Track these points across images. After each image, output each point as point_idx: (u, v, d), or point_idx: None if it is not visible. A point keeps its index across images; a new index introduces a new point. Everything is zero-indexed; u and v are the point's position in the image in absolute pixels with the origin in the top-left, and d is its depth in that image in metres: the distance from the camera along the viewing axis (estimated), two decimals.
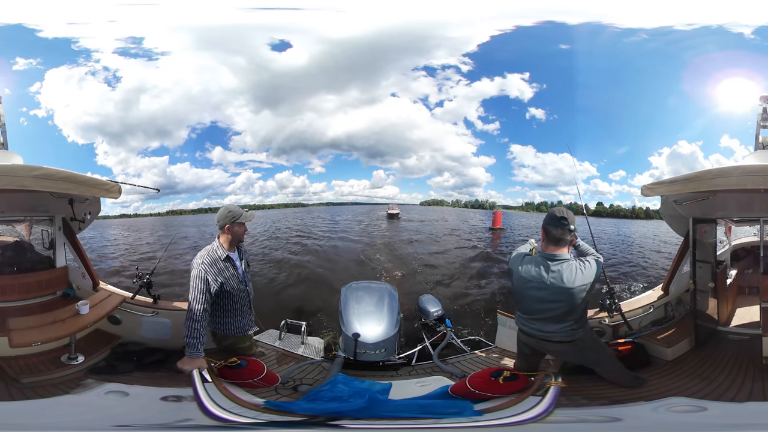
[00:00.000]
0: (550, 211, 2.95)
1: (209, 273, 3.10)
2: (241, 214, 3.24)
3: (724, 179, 3.17)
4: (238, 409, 2.82)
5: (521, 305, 3.11)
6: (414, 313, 4.44)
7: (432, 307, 4.27)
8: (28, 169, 3.11)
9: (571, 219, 2.87)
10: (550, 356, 3.22)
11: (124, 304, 3.78)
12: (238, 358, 3.22)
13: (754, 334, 3.30)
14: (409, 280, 6.57)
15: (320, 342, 4.22)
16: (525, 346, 3.18)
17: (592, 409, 2.91)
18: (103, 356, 3.44)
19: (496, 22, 5.09)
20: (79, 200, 3.76)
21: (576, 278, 2.85)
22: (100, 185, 3.53)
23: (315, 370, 3.58)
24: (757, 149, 3.65)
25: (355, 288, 4.07)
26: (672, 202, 3.76)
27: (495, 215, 7.86)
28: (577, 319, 2.96)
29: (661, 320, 3.82)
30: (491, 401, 2.96)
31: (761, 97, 3.66)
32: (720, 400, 2.89)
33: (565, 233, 2.87)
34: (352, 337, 3.51)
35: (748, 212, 3.46)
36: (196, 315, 3.04)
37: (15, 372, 3.06)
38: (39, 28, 4.73)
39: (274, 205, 6.83)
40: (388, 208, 9.51)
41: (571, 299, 2.87)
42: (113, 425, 2.76)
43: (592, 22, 4.88)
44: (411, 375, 3.59)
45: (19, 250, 3.77)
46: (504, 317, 3.98)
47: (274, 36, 5.36)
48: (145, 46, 5.08)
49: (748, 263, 3.51)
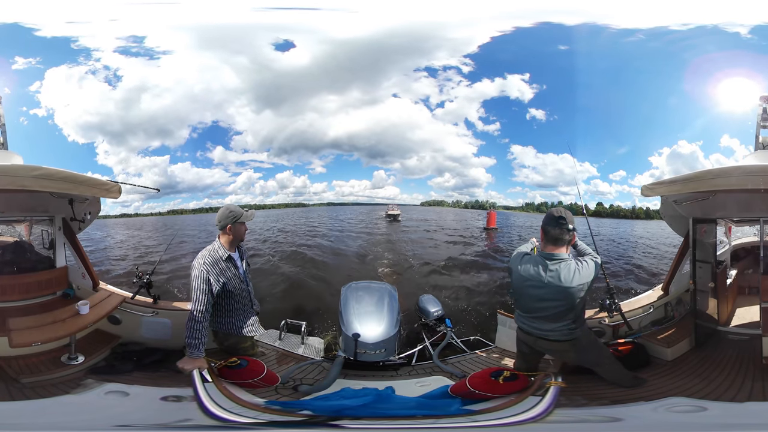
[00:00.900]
0: (549, 212, 2.97)
1: (211, 273, 3.10)
2: (242, 214, 3.24)
3: (724, 179, 3.18)
4: (238, 409, 2.82)
5: (520, 303, 3.12)
6: (414, 312, 4.44)
7: (432, 307, 4.27)
8: (28, 169, 3.11)
9: (569, 219, 2.89)
10: (549, 356, 3.22)
11: (124, 304, 3.78)
12: (238, 358, 3.22)
13: (754, 334, 3.30)
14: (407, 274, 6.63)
15: (320, 342, 4.22)
16: (523, 344, 3.18)
17: (592, 409, 2.92)
18: (103, 356, 3.44)
19: (496, 23, 5.09)
20: (79, 200, 3.76)
21: (574, 278, 2.86)
22: (100, 185, 3.54)
23: (315, 370, 3.58)
24: (757, 149, 3.65)
25: (355, 288, 4.07)
26: (672, 202, 3.76)
27: (489, 215, 7.91)
28: (575, 318, 2.96)
29: (661, 320, 3.82)
30: (491, 401, 2.96)
31: (761, 97, 3.66)
32: (720, 400, 2.89)
33: (564, 233, 2.88)
34: (352, 337, 3.51)
35: (748, 212, 3.46)
36: (197, 315, 3.03)
37: (15, 372, 3.06)
38: (37, 27, 4.72)
39: (275, 205, 6.82)
40: (387, 208, 9.46)
41: (568, 299, 2.88)
42: (113, 425, 2.77)
43: (589, 22, 4.89)
44: (411, 375, 3.59)
45: (19, 250, 3.76)
46: (504, 317, 3.98)
47: (277, 36, 5.35)
48: (147, 45, 5.07)
49: (748, 263, 3.51)
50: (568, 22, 4.90)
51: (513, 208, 6.93)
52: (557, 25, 4.94)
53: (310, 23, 5.19)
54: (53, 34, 4.82)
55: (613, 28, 4.90)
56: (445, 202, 7.66)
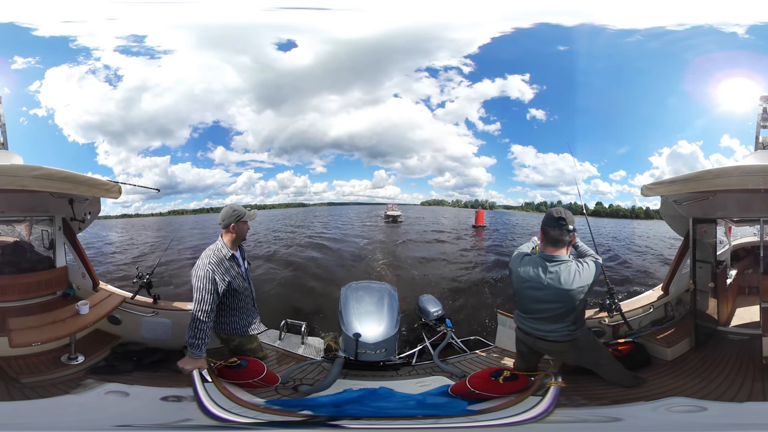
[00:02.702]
0: (549, 212, 2.93)
1: (217, 273, 3.10)
2: (245, 213, 3.25)
3: (724, 179, 3.18)
4: (238, 409, 2.82)
5: (519, 304, 3.12)
6: (414, 312, 4.44)
7: (432, 307, 4.27)
8: (28, 169, 3.11)
9: (569, 219, 2.85)
10: (548, 356, 3.22)
11: (124, 304, 3.77)
12: (238, 358, 3.22)
13: (754, 334, 3.30)
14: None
15: (320, 342, 4.22)
16: (523, 344, 3.18)
17: (592, 409, 2.92)
18: (103, 356, 3.44)
19: (496, 24, 5.09)
20: (79, 200, 3.76)
21: (574, 280, 2.84)
22: (100, 185, 3.53)
23: (315, 370, 3.59)
24: (757, 149, 3.65)
25: (355, 288, 4.07)
26: (672, 202, 3.76)
27: (477, 213, 8.22)
28: (575, 320, 2.95)
29: (661, 320, 3.82)
30: (491, 401, 2.97)
31: (761, 97, 3.66)
32: (720, 400, 2.89)
33: (564, 234, 2.85)
34: (353, 337, 3.51)
35: (748, 212, 3.46)
36: (202, 316, 3.03)
37: (15, 372, 3.05)
38: (33, 27, 4.70)
39: (275, 205, 6.82)
40: (386, 208, 9.20)
41: (568, 300, 2.87)
42: (113, 425, 2.77)
43: (586, 23, 4.89)
44: (411, 375, 3.59)
45: (19, 250, 3.76)
46: (504, 317, 3.98)
47: (280, 35, 5.34)
48: (148, 44, 5.06)
49: (748, 263, 3.51)
50: (567, 23, 4.91)
51: (513, 208, 6.93)
52: (556, 26, 4.96)
53: (313, 23, 5.19)
54: (51, 34, 4.81)
55: (612, 28, 4.91)
56: (446, 201, 7.67)
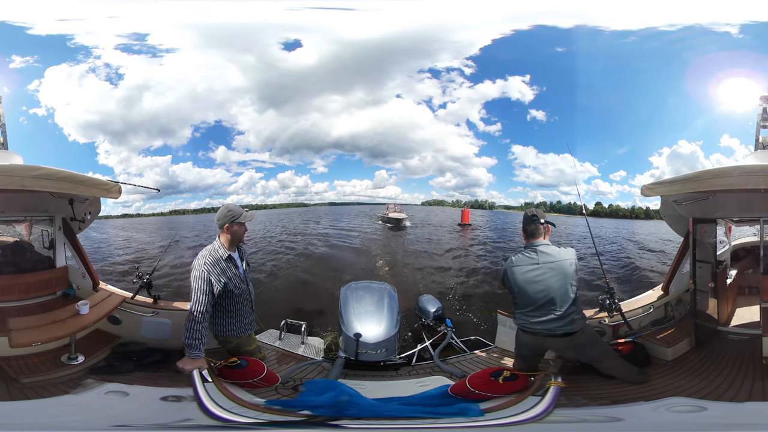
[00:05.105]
0: (524, 213, 3.33)
1: (212, 273, 3.09)
2: (241, 214, 3.22)
3: (724, 179, 3.18)
4: (238, 409, 2.82)
5: (521, 300, 3.17)
6: (414, 312, 4.44)
7: (432, 307, 4.27)
8: (28, 169, 3.11)
9: (540, 214, 3.25)
10: (550, 354, 3.24)
11: (124, 304, 3.77)
12: (238, 358, 3.21)
13: (754, 334, 3.30)
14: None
15: (320, 342, 4.22)
16: (524, 347, 3.21)
17: (592, 409, 2.92)
18: (103, 356, 3.43)
19: (496, 26, 5.10)
20: (79, 200, 3.75)
21: (561, 253, 3.15)
22: (100, 185, 3.53)
23: (315, 370, 3.58)
24: (757, 149, 3.65)
25: (355, 288, 4.07)
26: (672, 202, 3.76)
27: (463, 212, 8.64)
28: (577, 309, 3.08)
29: (661, 320, 3.82)
30: (491, 401, 2.96)
31: (761, 97, 3.66)
32: (720, 400, 2.90)
33: (538, 226, 3.22)
34: (353, 337, 3.51)
35: (748, 212, 3.47)
36: (197, 316, 3.02)
37: (15, 372, 3.05)
38: (27, 26, 4.67)
39: (276, 205, 6.82)
40: (386, 209, 9.09)
41: (564, 272, 3.10)
42: (113, 425, 2.77)
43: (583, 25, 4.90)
44: (411, 375, 3.59)
45: (19, 250, 3.76)
46: (504, 317, 3.98)
47: (286, 35, 5.33)
48: (150, 42, 5.04)
49: (748, 263, 3.51)
50: (565, 25, 4.92)
51: (513, 208, 6.94)
52: (554, 27, 4.97)
53: (318, 23, 5.18)
54: (47, 32, 4.77)
55: (610, 29, 4.92)
56: (446, 201, 7.69)
